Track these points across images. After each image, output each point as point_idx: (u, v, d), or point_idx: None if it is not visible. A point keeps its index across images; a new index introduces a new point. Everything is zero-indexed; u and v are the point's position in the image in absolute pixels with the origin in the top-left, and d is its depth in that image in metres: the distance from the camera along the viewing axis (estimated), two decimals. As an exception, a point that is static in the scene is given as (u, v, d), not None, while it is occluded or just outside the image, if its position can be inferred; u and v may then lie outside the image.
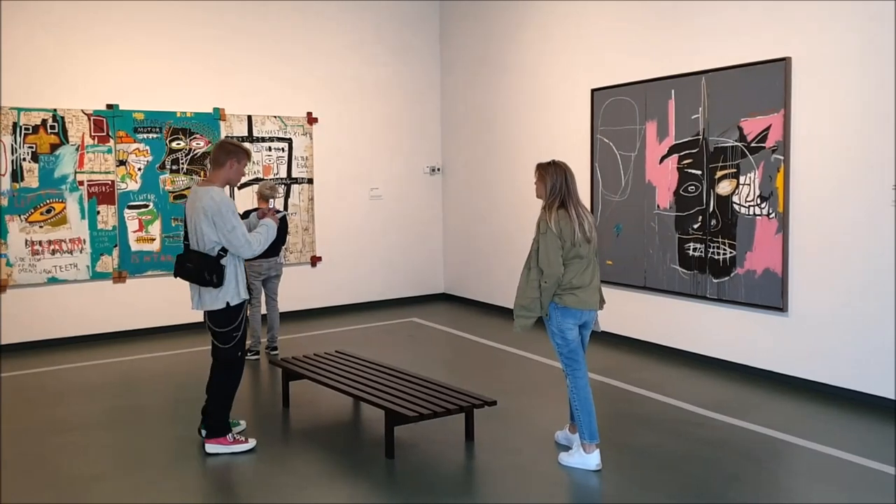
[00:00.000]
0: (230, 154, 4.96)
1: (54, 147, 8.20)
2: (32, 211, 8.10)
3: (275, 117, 9.47)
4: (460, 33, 10.32)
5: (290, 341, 8.26)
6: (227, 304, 4.92)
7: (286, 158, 9.57)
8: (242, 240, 4.85)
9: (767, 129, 6.43)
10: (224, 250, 4.86)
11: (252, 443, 5.16)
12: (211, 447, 5.06)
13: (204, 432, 5.16)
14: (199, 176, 8.97)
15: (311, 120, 9.72)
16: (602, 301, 4.90)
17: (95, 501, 4.42)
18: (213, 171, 5.04)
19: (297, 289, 9.49)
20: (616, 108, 7.86)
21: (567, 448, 5.00)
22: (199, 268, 4.80)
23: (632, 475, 4.66)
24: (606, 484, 4.57)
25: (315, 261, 9.86)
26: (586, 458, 4.72)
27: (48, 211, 8.19)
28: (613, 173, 7.91)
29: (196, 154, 8.96)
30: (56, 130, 8.19)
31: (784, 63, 6.26)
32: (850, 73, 5.87)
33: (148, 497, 4.46)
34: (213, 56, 9.06)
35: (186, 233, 5.00)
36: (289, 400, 6.10)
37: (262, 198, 7.43)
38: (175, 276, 4.96)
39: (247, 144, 9.13)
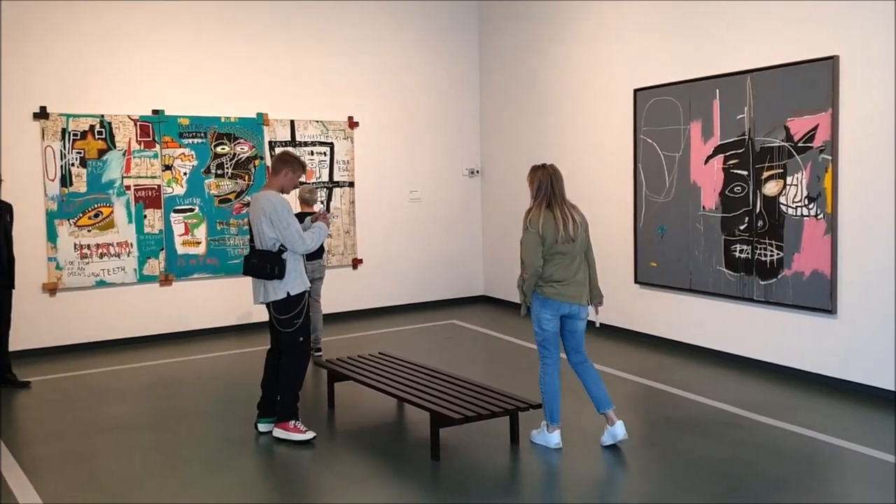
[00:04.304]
0: (286, 164, 5.48)
1: (102, 152, 8.35)
2: (81, 215, 8.27)
3: (317, 122, 9.55)
4: (499, 35, 10.31)
5: (333, 343, 8.32)
6: (288, 293, 5.31)
7: (328, 162, 9.65)
8: (297, 236, 5.28)
9: (815, 128, 6.32)
10: (284, 246, 5.25)
11: (310, 434, 5.36)
12: (276, 431, 5.43)
13: (261, 426, 5.54)
14: (244, 180, 9.09)
15: (352, 124, 9.78)
16: (596, 296, 5.17)
17: (139, 501, 4.48)
18: (270, 177, 5.59)
19: (338, 291, 9.56)
20: (659, 108, 7.79)
21: (614, 447, 5.05)
22: (262, 262, 5.24)
23: (676, 478, 4.61)
24: (651, 486, 4.53)
25: (356, 263, 9.92)
26: (548, 437, 5.10)
27: (96, 215, 8.35)
28: (657, 174, 7.85)
29: (240, 158, 9.07)
30: (103, 136, 8.35)
31: (831, 62, 6.16)
32: (902, 70, 5.76)
33: (193, 497, 4.52)
34: (256, 61, 9.16)
35: (252, 236, 5.41)
36: (334, 401, 6.14)
37: (303, 201, 7.52)
38: (243, 274, 5.43)
39: (292, 149, 9.23)
